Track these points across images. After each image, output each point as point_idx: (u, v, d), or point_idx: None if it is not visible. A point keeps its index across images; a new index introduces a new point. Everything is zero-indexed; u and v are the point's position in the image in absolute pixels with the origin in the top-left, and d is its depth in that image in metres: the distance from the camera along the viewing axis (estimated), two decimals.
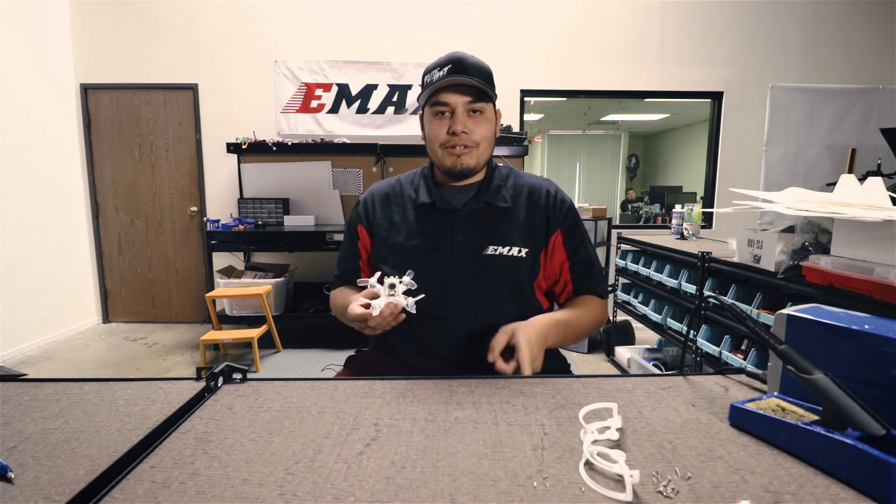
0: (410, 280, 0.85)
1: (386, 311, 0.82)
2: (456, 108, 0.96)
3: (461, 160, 0.98)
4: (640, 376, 0.83)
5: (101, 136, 3.98)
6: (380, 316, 0.82)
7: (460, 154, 0.98)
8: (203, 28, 3.88)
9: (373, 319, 0.82)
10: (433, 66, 0.98)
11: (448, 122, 0.97)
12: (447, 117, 0.97)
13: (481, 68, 0.98)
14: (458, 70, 0.95)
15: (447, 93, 0.96)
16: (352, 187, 3.90)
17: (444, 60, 0.97)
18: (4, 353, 3.22)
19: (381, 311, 0.81)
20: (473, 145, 0.98)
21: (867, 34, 3.99)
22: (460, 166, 0.99)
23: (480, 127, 0.98)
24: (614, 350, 3.20)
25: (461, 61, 0.96)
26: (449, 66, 0.95)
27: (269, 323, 3.19)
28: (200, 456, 0.58)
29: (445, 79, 0.94)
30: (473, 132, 0.97)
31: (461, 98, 0.96)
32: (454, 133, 0.96)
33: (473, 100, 0.96)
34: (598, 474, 0.54)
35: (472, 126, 0.97)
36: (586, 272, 1.05)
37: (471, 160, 0.99)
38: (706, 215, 4.13)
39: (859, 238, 1.36)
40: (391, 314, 0.83)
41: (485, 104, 0.98)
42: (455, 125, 0.96)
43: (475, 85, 0.95)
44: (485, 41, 3.87)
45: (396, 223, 1.05)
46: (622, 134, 8.55)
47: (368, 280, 0.87)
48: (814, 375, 0.55)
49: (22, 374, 0.92)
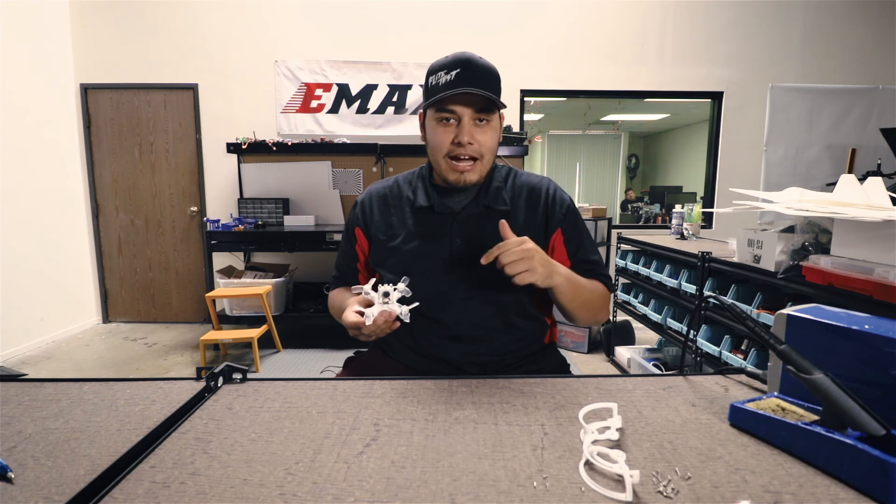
0: (405, 287, 0.84)
1: (380, 320, 0.81)
2: (463, 117, 0.92)
3: (464, 176, 0.95)
4: (640, 376, 0.83)
5: (101, 136, 3.98)
6: (373, 325, 0.81)
7: (464, 170, 0.95)
8: (203, 28, 3.88)
9: (366, 328, 0.82)
10: (439, 66, 0.94)
11: (453, 131, 0.93)
12: (452, 125, 0.94)
13: (490, 74, 0.94)
14: (465, 75, 0.90)
15: (455, 102, 0.92)
16: (352, 187, 3.90)
17: (451, 62, 0.92)
18: (4, 353, 3.22)
19: (374, 320, 0.81)
20: (478, 156, 0.95)
21: (867, 34, 3.99)
22: (463, 182, 0.96)
23: (486, 136, 0.95)
24: (614, 350, 3.20)
25: (469, 65, 0.91)
26: (457, 70, 0.90)
27: (269, 323, 3.19)
28: (200, 456, 0.58)
29: (454, 88, 0.90)
30: (479, 143, 0.94)
31: (469, 108, 0.92)
32: (460, 144, 0.93)
33: (481, 109, 0.93)
34: (598, 474, 0.54)
35: (479, 136, 0.94)
36: (589, 269, 1.02)
37: (473, 175, 0.96)
38: (706, 215, 4.13)
39: (859, 238, 1.36)
40: (385, 322, 0.82)
41: (492, 114, 0.94)
42: (461, 135, 0.92)
43: (485, 96, 0.91)
44: (485, 41, 3.87)
45: (394, 226, 1.03)
46: (622, 134, 8.55)
47: (363, 287, 0.86)
48: (814, 375, 0.55)
49: (22, 374, 0.92)
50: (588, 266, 1.02)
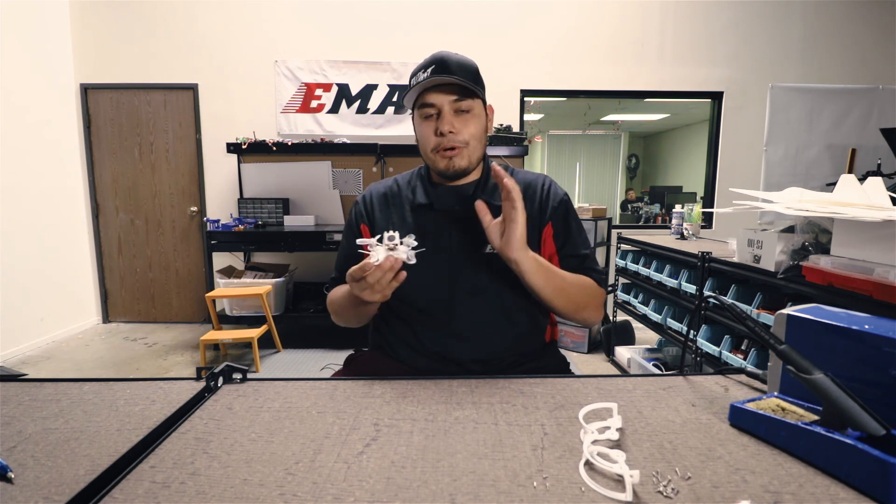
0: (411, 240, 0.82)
1: (386, 264, 0.78)
2: (442, 107, 0.96)
3: (453, 162, 0.98)
4: (640, 376, 0.83)
5: (101, 136, 3.98)
6: (379, 269, 0.78)
7: (451, 156, 0.98)
8: (203, 28, 3.88)
9: (372, 274, 0.78)
10: (418, 68, 0.98)
11: (434, 123, 0.97)
12: (434, 119, 0.97)
13: (465, 66, 0.97)
14: (441, 70, 0.94)
15: (431, 93, 0.95)
16: (352, 187, 3.90)
17: (427, 62, 0.97)
18: (4, 353, 3.22)
19: (380, 264, 0.78)
20: (462, 145, 0.97)
21: (867, 34, 3.99)
22: (452, 168, 0.99)
23: (468, 126, 0.97)
24: (614, 350, 3.20)
25: (444, 60, 0.95)
26: (433, 66, 0.95)
27: (269, 323, 3.19)
28: (200, 456, 0.58)
29: (429, 79, 0.94)
30: (461, 132, 0.97)
31: (446, 97, 0.95)
32: (441, 134, 0.96)
33: (458, 98, 0.96)
34: (598, 474, 0.54)
35: (460, 125, 0.97)
36: (578, 265, 1.02)
37: (462, 161, 0.98)
38: (706, 215, 4.13)
39: (859, 238, 1.36)
40: (391, 268, 0.79)
41: (471, 101, 0.97)
42: (442, 125, 0.95)
43: (457, 83, 0.94)
44: (485, 41, 3.86)
45: (395, 224, 1.05)
46: (622, 134, 8.55)
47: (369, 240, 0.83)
48: (814, 375, 0.55)
49: (22, 374, 0.92)
50: (576, 260, 1.02)
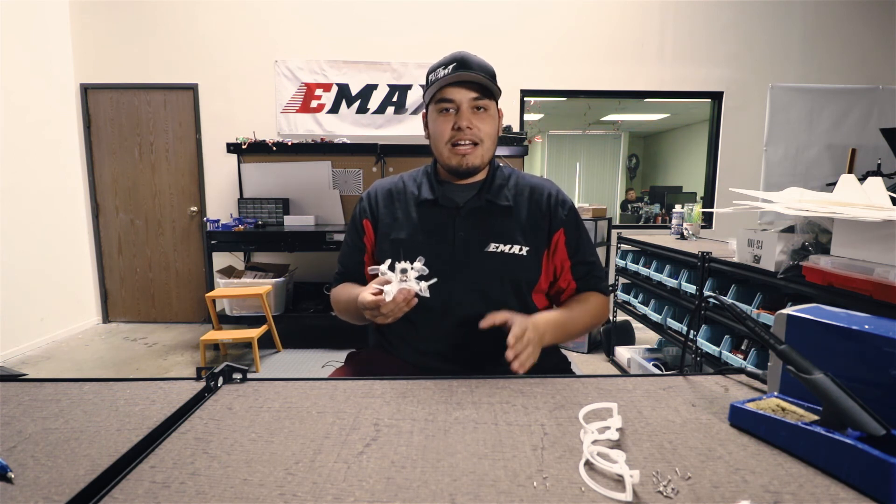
0: (421, 266, 0.83)
1: (399, 297, 0.80)
2: (461, 104, 0.98)
3: (466, 159, 1.00)
4: (640, 376, 0.83)
5: (101, 136, 3.98)
6: (392, 302, 0.80)
7: (465, 153, 1.00)
8: (203, 28, 3.87)
9: (385, 306, 0.81)
10: (437, 64, 1.01)
11: (453, 119, 0.99)
12: (452, 114, 0.99)
13: (485, 66, 1.00)
14: (462, 67, 0.97)
15: (452, 88, 0.98)
16: (352, 187, 3.90)
17: (448, 59, 1.00)
18: (4, 353, 3.22)
19: (394, 297, 0.79)
20: (478, 141, 1.00)
21: (867, 34, 3.98)
22: (465, 165, 1.01)
23: (485, 124, 1.00)
24: (614, 350, 3.20)
25: (465, 59, 0.98)
26: (454, 63, 0.98)
27: (269, 323, 3.19)
28: (200, 456, 0.58)
29: (451, 75, 0.96)
30: (478, 128, 1.00)
31: (466, 94, 0.98)
32: (459, 129, 0.98)
33: (478, 96, 0.98)
34: (598, 474, 0.54)
35: (477, 122, 0.99)
36: (587, 271, 1.07)
37: (475, 159, 1.01)
38: (706, 215, 4.13)
39: (859, 238, 1.36)
40: (404, 300, 0.81)
41: (489, 101, 1.00)
42: (460, 121, 0.98)
43: (480, 81, 0.97)
44: (485, 41, 3.87)
45: (399, 219, 1.06)
46: (622, 134, 8.55)
47: (379, 267, 0.86)
48: (814, 375, 0.55)
49: (22, 374, 0.92)
50: (585, 267, 1.08)
